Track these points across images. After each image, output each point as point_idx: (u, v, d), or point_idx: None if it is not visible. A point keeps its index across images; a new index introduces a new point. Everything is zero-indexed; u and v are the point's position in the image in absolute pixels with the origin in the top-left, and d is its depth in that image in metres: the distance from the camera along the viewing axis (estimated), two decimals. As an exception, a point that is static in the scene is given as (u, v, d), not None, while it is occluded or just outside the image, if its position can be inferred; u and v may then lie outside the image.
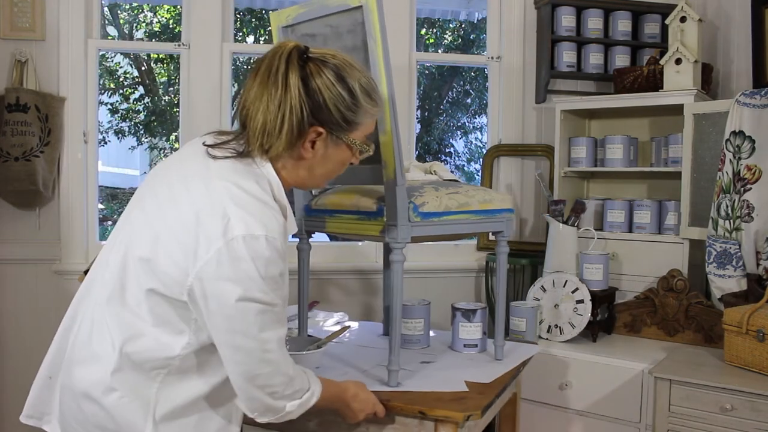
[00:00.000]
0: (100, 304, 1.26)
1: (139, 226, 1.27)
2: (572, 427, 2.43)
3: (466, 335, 2.01)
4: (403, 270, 1.66)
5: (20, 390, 2.78)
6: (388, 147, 1.61)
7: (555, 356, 2.45)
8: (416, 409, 1.54)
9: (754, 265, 2.36)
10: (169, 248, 1.19)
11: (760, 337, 2.02)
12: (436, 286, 3.06)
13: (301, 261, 1.96)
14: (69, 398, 1.28)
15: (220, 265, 1.15)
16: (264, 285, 1.17)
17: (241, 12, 6.57)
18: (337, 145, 1.31)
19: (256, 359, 1.21)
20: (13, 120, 2.69)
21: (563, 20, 3.07)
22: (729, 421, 1.97)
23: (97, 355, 1.24)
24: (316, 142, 1.28)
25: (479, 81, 7.00)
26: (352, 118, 1.29)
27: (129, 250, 1.25)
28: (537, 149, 3.16)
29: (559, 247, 2.62)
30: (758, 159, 2.34)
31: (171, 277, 1.19)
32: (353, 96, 1.28)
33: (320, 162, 1.32)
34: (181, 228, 1.19)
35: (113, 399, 1.22)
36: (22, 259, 2.85)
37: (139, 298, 1.22)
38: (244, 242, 1.15)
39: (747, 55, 2.81)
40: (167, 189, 1.27)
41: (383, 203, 1.68)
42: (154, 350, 1.21)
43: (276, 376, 1.25)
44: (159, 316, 1.21)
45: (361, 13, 1.59)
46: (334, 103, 1.26)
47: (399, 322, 1.66)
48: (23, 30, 2.80)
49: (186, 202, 1.21)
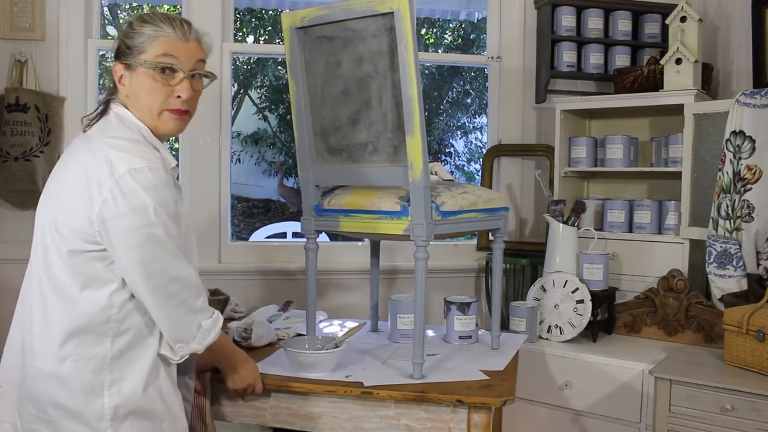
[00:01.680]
0: (35, 293, 1.38)
1: (43, 209, 1.41)
2: (572, 427, 2.43)
3: (462, 327, 2.12)
4: (427, 267, 1.74)
5: (20, 390, 2.79)
6: (416, 148, 1.68)
7: (555, 356, 2.44)
8: (454, 398, 1.63)
9: (755, 265, 2.36)
10: (68, 204, 1.32)
11: (760, 337, 2.02)
12: (436, 286, 3.05)
13: (308, 261, 1.97)
14: (27, 386, 1.36)
15: (116, 202, 1.28)
16: (160, 210, 1.30)
17: (241, 12, 6.57)
18: (134, 71, 1.41)
19: (167, 278, 1.33)
20: (13, 120, 2.69)
21: (563, 20, 3.06)
22: (729, 421, 1.97)
23: (45, 336, 1.34)
24: (123, 76, 1.43)
25: (479, 81, 6.99)
26: (132, 43, 1.40)
27: (41, 229, 1.39)
28: (537, 149, 3.16)
29: (559, 247, 2.62)
30: (758, 159, 2.34)
31: (77, 229, 1.31)
32: (130, 25, 1.42)
33: (135, 93, 1.42)
34: (73, 183, 1.33)
35: (67, 366, 1.32)
36: (22, 259, 2.82)
37: (62, 265, 1.33)
38: (131, 176, 1.28)
39: (747, 55, 2.81)
40: (59, 170, 1.42)
41: (405, 203, 1.75)
42: (90, 311, 1.32)
43: (186, 289, 1.37)
44: (84, 276, 1.32)
45: (389, 19, 1.65)
46: (119, 37, 1.43)
47: (423, 318, 1.74)
48: (23, 30, 2.80)
49: (74, 166, 1.36)
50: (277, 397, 1.75)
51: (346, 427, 1.71)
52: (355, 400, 1.71)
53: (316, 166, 1.93)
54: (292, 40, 1.84)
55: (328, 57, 1.81)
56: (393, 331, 2.15)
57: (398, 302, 2.15)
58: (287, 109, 7.01)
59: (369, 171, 1.82)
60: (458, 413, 1.66)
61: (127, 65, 1.41)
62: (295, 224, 6.22)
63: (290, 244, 4.66)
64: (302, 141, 1.91)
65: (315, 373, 1.75)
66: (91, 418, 1.31)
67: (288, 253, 3.09)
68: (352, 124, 1.82)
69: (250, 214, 7.24)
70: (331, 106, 1.85)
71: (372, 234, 1.88)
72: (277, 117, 7.13)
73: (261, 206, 7.32)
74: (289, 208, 6.92)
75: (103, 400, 1.32)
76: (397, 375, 1.78)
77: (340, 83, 1.81)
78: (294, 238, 5.95)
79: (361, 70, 1.76)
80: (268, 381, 1.72)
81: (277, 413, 1.75)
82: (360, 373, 1.78)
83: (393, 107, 1.73)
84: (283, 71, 7.03)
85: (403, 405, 1.69)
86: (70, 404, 1.32)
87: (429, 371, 1.79)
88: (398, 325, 2.13)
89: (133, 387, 1.35)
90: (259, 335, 1.99)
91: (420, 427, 1.68)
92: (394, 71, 1.69)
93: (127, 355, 1.36)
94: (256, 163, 7.28)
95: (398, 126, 1.73)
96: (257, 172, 7.33)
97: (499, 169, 3.24)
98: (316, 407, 1.73)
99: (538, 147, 3.17)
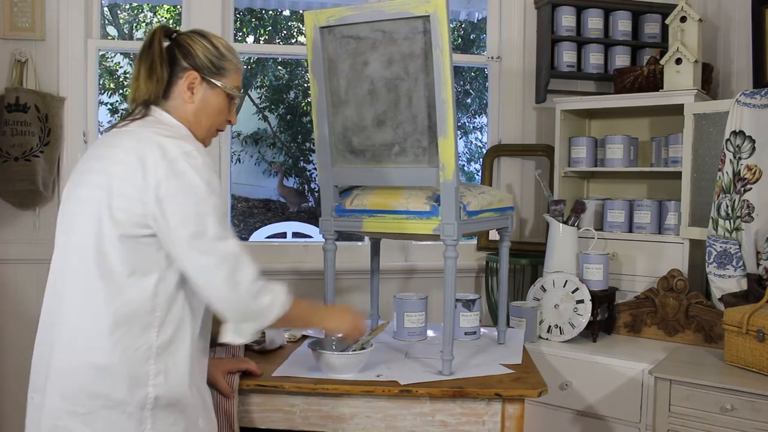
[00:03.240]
0: (75, 286, 1.37)
1: (84, 197, 1.39)
2: (572, 427, 2.43)
3: (467, 323, 2.17)
4: (456, 267, 1.79)
5: (20, 390, 2.79)
6: (448, 149, 1.71)
7: (555, 356, 2.44)
8: (492, 391, 1.70)
9: (754, 265, 2.36)
10: (119, 188, 1.34)
11: (760, 337, 2.02)
12: (437, 285, 3.05)
13: (327, 261, 1.98)
14: (59, 380, 1.36)
15: (170, 183, 1.33)
16: (208, 190, 1.36)
17: (241, 12, 6.57)
18: (212, 89, 1.50)
19: (221, 256, 1.36)
20: (13, 120, 2.69)
21: (563, 20, 3.06)
22: (729, 421, 1.97)
23: (90, 327, 1.34)
24: (195, 86, 1.48)
25: (479, 81, 6.99)
26: (219, 64, 1.50)
27: (82, 217, 1.38)
28: (537, 149, 3.16)
29: (559, 247, 2.62)
30: (758, 159, 2.34)
31: (131, 212, 1.34)
32: (217, 48, 1.50)
33: (204, 105, 1.49)
34: (122, 168, 1.35)
35: (116, 355, 1.33)
36: (21, 259, 2.85)
37: (112, 251, 1.34)
38: (183, 158, 1.35)
39: (747, 55, 2.81)
40: (95, 163, 1.41)
41: (435, 203, 1.78)
42: (137, 299, 1.35)
43: (241, 265, 1.38)
44: (133, 262, 1.35)
45: (422, 22, 1.66)
46: (203, 51, 1.49)
47: (451, 317, 1.78)
48: (23, 30, 2.80)
49: (121, 153, 1.37)
50: (306, 400, 1.74)
51: (379, 427, 1.73)
52: (389, 399, 1.72)
53: (337, 166, 1.93)
54: (315, 39, 1.82)
55: (355, 57, 1.81)
56: (400, 330, 2.16)
57: (405, 301, 2.17)
58: (287, 109, 7.01)
59: (394, 171, 1.84)
60: (492, 406, 1.71)
61: (208, 81, 1.49)
62: (295, 224, 6.22)
63: (290, 244, 4.66)
64: (323, 141, 1.90)
65: (346, 374, 1.76)
66: (134, 408, 1.34)
67: (288, 254, 3.09)
68: (377, 124, 1.83)
69: (250, 214, 7.24)
70: (355, 107, 1.85)
71: (397, 234, 1.89)
72: (277, 117, 7.13)
73: (261, 206, 7.32)
74: (289, 208, 6.92)
75: (147, 389, 1.35)
76: (427, 372, 1.80)
77: (366, 84, 1.81)
78: (294, 238, 5.95)
79: (390, 72, 1.77)
80: (298, 384, 1.72)
81: (307, 416, 1.74)
82: (388, 372, 1.80)
83: (424, 109, 1.75)
84: (283, 71, 7.03)
85: (437, 401, 1.72)
86: (114, 394, 1.33)
87: (454, 367, 1.82)
88: (405, 323, 2.15)
89: (176, 378, 1.39)
90: (272, 338, 2.00)
91: (455, 422, 1.72)
92: (426, 73, 1.71)
93: (171, 348, 1.39)
94: (256, 163, 7.28)
95: (428, 127, 1.76)
96: (257, 172, 7.33)
97: (499, 169, 3.24)
98: (348, 408, 1.73)
99: (538, 147, 3.17)
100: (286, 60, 6.90)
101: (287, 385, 1.72)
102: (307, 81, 7.03)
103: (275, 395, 1.74)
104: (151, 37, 1.46)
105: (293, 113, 6.99)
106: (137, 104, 1.47)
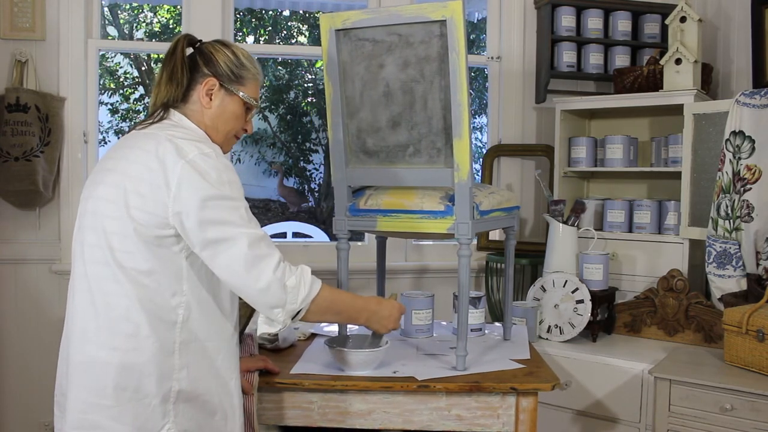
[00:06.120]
0: (102, 285, 1.39)
1: (102, 198, 1.41)
2: (572, 427, 2.43)
3: (473, 320, 2.20)
4: (470, 265, 1.84)
5: (20, 389, 2.79)
6: (463, 151, 1.76)
7: (555, 356, 2.45)
8: (507, 386, 1.73)
9: (754, 265, 2.36)
10: (138, 189, 1.37)
11: (760, 337, 2.02)
12: (437, 285, 3.05)
13: (340, 261, 1.99)
14: (83, 373, 1.39)
15: (188, 181, 1.35)
16: (229, 186, 1.39)
17: (241, 12, 6.56)
18: (231, 96, 1.54)
19: (244, 247, 1.38)
20: (13, 120, 2.69)
21: (563, 20, 3.07)
22: (729, 421, 1.97)
23: (119, 318, 1.37)
24: (214, 92, 1.52)
25: (479, 81, 6.99)
26: (238, 73, 1.54)
27: (104, 218, 1.40)
28: (537, 149, 3.16)
29: (559, 247, 2.62)
30: (758, 159, 2.34)
31: (150, 212, 1.36)
32: (237, 57, 1.55)
33: (222, 112, 1.53)
34: (141, 169, 1.38)
35: (145, 348, 1.37)
36: (22, 259, 2.85)
37: (134, 249, 1.37)
38: (201, 159, 1.38)
39: (747, 55, 2.81)
40: (113, 163, 1.44)
41: (449, 203, 1.82)
42: (159, 291, 1.38)
43: (264, 255, 1.41)
44: (151, 262, 1.38)
45: (438, 26, 1.70)
46: (224, 59, 1.53)
47: (466, 314, 1.82)
48: (23, 30, 2.80)
49: (139, 154, 1.40)
50: (325, 397, 1.76)
51: (396, 422, 1.76)
52: (406, 394, 1.74)
53: (351, 166, 1.95)
54: (330, 41, 1.85)
55: (370, 60, 1.84)
56: (407, 327, 2.18)
57: (412, 298, 2.19)
58: (287, 109, 7.01)
59: (408, 172, 1.88)
60: (507, 400, 1.75)
61: (227, 88, 1.53)
62: (295, 224, 6.22)
63: (290, 244, 4.66)
64: (337, 142, 1.93)
65: (363, 370, 1.78)
66: (159, 400, 1.38)
67: (288, 253, 3.08)
68: (392, 126, 1.86)
69: (250, 214, 7.23)
70: (370, 108, 1.88)
71: (412, 233, 1.93)
72: (277, 117, 7.13)
73: (261, 206, 7.31)
74: (289, 208, 6.92)
75: (171, 383, 1.39)
76: (442, 368, 1.83)
77: (381, 86, 1.84)
78: (294, 238, 5.95)
79: (405, 74, 1.80)
80: (318, 381, 1.74)
81: (325, 413, 1.76)
82: (403, 368, 1.82)
83: (439, 111, 1.79)
84: (282, 71, 7.03)
85: (453, 396, 1.75)
86: (143, 386, 1.37)
87: (467, 363, 1.84)
88: (413, 320, 2.17)
89: (198, 373, 1.42)
90: (284, 337, 2.02)
91: (470, 416, 1.75)
92: (442, 76, 1.74)
93: (194, 344, 1.42)
94: (256, 163, 7.28)
95: (443, 129, 1.79)
96: (257, 172, 7.32)
97: (499, 169, 3.24)
98: (365, 404, 1.76)
99: (538, 147, 3.17)
100: (286, 60, 6.90)
101: (306, 382, 1.74)
102: (307, 81, 7.04)
103: (293, 392, 1.76)
104: (175, 45, 1.51)
105: (293, 113, 6.99)
106: (157, 107, 1.51)
